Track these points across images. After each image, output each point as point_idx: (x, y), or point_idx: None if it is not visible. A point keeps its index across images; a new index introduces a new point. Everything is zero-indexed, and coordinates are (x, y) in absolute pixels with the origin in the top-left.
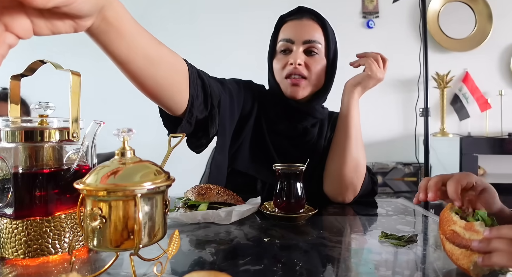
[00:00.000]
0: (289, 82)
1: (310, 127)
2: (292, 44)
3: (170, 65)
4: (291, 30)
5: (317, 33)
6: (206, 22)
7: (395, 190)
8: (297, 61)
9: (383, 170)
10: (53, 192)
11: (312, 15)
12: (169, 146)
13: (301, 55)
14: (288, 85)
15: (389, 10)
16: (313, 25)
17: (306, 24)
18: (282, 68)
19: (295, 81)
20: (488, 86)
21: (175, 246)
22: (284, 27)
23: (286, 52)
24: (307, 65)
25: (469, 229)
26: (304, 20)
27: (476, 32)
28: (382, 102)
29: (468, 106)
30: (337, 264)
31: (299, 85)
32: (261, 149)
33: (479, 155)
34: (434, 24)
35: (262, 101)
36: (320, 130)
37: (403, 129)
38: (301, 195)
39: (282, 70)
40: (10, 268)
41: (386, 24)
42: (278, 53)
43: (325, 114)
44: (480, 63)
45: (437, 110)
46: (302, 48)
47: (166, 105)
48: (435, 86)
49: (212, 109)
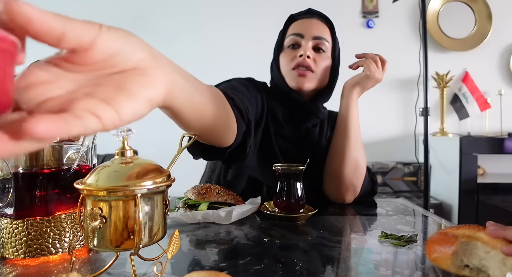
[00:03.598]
0: (296, 73)
1: (311, 127)
2: (302, 38)
3: (224, 117)
4: (301, 26)
5: (326, 32)
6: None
7: (394, 189)
8: (307, 53)
9: (383, 169)
10: (53, 192)
11: (321, 17)
12: (180, 146)
13: (310, 49)
14: (295, 75)
15: (389, 10)
16: (322, 25)
17: (316, 23)
18: (290, 60)
19: (302, 72)
20: (487, 86)
21: (175, 246)
22: (294, 24)
23: (295, 47)
24: (314, 60)
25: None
26: (314, 20)
27: (475, 32)
28: (382, 102)
29: (468, 106)
30: (337, 264)
31: (306, 76)
32: (268, 152)
33: (479, 154)
34: (434, 24)
35: (269, 101)
36: (320, 130)
37: (402, 129)
38: (301, 195)
39: (290, 62)
40: (10, 268)
41: (386, 24)
42: (286, 48)
43: (325, 114)
44: (479, 63)
45: (437, 110)
46: (312, 43)
47: (214, 143)
48: (435, 86)
49: (249, 124)
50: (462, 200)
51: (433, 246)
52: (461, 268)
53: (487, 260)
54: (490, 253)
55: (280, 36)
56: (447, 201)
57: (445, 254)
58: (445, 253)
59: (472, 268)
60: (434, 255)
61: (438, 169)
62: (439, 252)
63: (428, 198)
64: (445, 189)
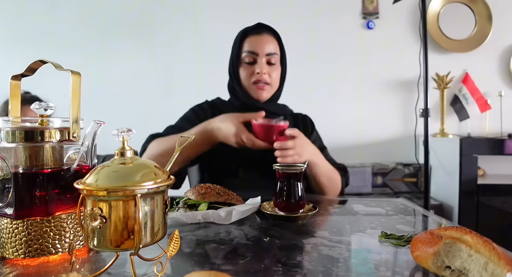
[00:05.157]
0: (255, 87)
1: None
2: (257, 56)
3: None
4: (255, 44)
5: (275, 47)
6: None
7: (395, 190)
8: (263, 70)
9: (383, 170)
10: (53, 192)
11: (269, 30)
12: (177, 146)
13: (265, 65)
14: (255, 89)
15: (389, 11)
16: (272, 39)
17: (266, 39)
18: (249, 76)
19: (261, 86)
20: (487, 87)
21: (175, 246)
22: (247, 40)
23: (252, 63)
24: (269, 74)
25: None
26: (264, 35)
27: (476, 33)
28: (382, 103)
29: (468, 107)
30: (337, 264)
31: (264, 89)
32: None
33: (479, 155)
34: (434, 25)
35: (221, 108)
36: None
37: (403, 130)
38: (301, 195)
39: (250, 77)
40: (10, 268)
41: (386, 25)
42: (243, 63)
43: (286, 111)
44: (480, 64)
45: (437, 111)
46: (265, 59)
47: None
48: (435, 87)
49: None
50: (462, 201)
51: (416, 244)
52: (441, 269)
53: (469, 263)
54: (473, 256)
55: (236, 49)
56: (447, 202)
57: (427, 253)
58: (427, 252)
59: (453, 270)
60: (417, 253)
61: (438, 170)
62: (421, 250)
63: (428, 199)
64: (445, 190)
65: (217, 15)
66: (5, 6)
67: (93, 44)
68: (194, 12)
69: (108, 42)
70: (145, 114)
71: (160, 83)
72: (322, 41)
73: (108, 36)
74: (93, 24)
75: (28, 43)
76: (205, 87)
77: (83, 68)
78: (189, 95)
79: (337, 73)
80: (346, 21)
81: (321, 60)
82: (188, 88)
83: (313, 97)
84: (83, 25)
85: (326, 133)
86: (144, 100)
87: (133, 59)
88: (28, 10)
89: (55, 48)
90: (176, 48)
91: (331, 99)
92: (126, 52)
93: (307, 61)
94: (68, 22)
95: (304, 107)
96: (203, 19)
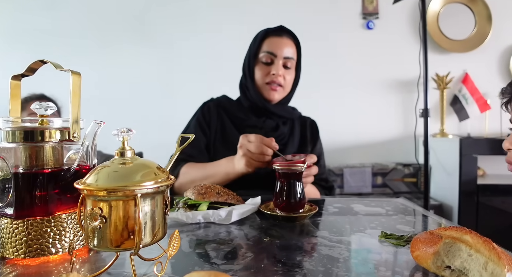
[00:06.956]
0: (269, 87)
1: (281, 124)
2: (275, 57)
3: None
4: (275, 45)
5: (293, 51)
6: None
7: (394, 190)
8: (279, 72)
9: (383, 170)
10: (53, 192)
11: (290, 35)
12: (177, 145)
13: (281, 68)
14: (268, 90)
15: (389, 11)
16: (291, 44)
17: (286, 43)
18: (264, 75)
19: (274, 87)
20: (487, 87)
21: (175, 246)
22: (268, 41)
23: (269, 63)
24: (284, 77)
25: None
26: (284, 38)
27: (475, 33)
28: (382, 103)
29: (468, 107)
30: (337, 264)
31: (277, 90)
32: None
33: (479, 155)
34: (434, 25)
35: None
36: (291, 129)
37: (403, 130)
38: (301, 195)
39: (265, 77)
40: (10, 268)
41: (386, 25)
42: (260, 62)
43: (294, 114)
44: (479, 64)
45: (437, 111)
46: (282, 62)
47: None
48: (435, 87)
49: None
50: (462, 201)
51: (416, 244)
52: (441, 269)
53: (469, 262)
54: (473, 256)
55: (254, 47)
56: (447, 202)
57: (426, 253)
58: (427, 252)
59: (453, 270)
60: (416, 253)
61: (438, 170)
62: (421, 250)
63: (428, 199)
64: (445, 190)
65: (217, 16)
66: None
67: (93, 44)
68: (194, 13)
69: (108, 42)
70: (145, 114)
71: (160, 83)
72: (322, 41)
73: (108, 36)
74: (93, 24)
75: (29, 42)
76: (205, 88)
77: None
78: (189, 95)
79: (337, 73)
80: (346, 21)
81: (321, 60)
82: (188, 88)
83: (313, 97)
84: (83, 25)
85: (326, 133)
86: (144, 100)
87: (133, 59)
88: (28, 10)
89: (55, 48)
90: (176, 48)
91: (331, 100)
92: (126, 52)
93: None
94: (68, 22)
95: (304, 107)
96: (203, 19)
